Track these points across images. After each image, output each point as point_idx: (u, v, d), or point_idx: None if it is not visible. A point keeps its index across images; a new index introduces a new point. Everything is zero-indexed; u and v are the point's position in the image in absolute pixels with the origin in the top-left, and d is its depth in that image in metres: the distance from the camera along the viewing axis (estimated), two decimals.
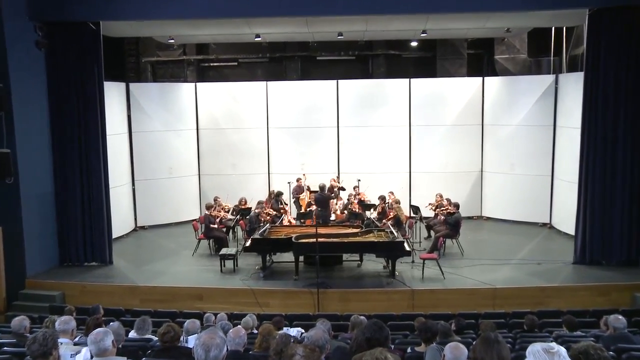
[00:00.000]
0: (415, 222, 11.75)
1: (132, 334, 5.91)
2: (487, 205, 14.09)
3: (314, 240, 9.21)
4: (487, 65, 15.13)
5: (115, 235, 11.54)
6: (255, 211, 11.31)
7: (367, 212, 11.73)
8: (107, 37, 11.54)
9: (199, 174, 14.43)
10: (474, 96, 13.85)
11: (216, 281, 9.89)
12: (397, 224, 10.74)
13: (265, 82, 14.30)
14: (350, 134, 14.07)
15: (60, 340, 4.29)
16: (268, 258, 10.26)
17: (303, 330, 6.57)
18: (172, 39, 13.43)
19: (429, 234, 12.08)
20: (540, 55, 14.55)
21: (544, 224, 13.09)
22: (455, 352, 3.61)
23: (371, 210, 11.78)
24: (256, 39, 12.68)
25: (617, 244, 10.06)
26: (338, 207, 12.19)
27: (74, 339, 5.11)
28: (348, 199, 12.37)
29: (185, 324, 5.88)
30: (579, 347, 3.11)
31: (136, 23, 11.27)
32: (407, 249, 9.68)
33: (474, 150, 13.95)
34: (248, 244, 10.13)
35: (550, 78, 12.99)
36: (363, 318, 6.11)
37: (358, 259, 10.57)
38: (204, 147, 14.35)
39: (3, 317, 9.33)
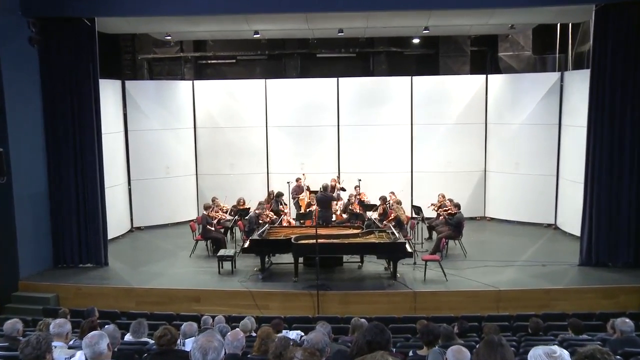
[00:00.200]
0: (417, 223, 11.63)
1: (128, 337, 5.84)
2: (491, 206, 13.91)
3: (314, 241, 9.10)
4: (491, 62, 14.99)
5: (110, 236, 11.44)
6: (255, 212, 11.15)
7: (368, 213, 11.59)
8: (103, 34, 11.40)
9: (197, 174, 14.27)
10: (477, 94, 13.66)
11: (214, 283, 9.79)
12: (399, 224, 10.62)
13: (264, 80, 14.13)
14: (351, 133, 13.89)
15: (54, 343, 4.30)
16: (267, 259, 10.18)
17: (302, 333, 6.53)
18: (169, 36, 13.32)
19: (431, 235, 11.95)
20: (545, 52, 14.40)
21: (549, 225, 12.92)
22: (458, 356, 3.61)
23: (372, 211, 11.63)
24: (255, 36, 12.51)
25: (624, 246, 9.92)
26: (338, 208, 12.03)
27: (68, 342, 5.04)
28: (348, 199, 12.23)
29: (182, 326, 5.81)
30: (585, 351, 3.04)
31: (132, 19, 11.15)
32: (409, 250, 9.58)
33: (477, 150, 13.77)
34: (247, 245, 10.03)
35: (556, 76, 12.81)
36: (364, 321, 6.11)
37: (359, 260, 10.46)
38: (201, 146, 14.19)
39: None
